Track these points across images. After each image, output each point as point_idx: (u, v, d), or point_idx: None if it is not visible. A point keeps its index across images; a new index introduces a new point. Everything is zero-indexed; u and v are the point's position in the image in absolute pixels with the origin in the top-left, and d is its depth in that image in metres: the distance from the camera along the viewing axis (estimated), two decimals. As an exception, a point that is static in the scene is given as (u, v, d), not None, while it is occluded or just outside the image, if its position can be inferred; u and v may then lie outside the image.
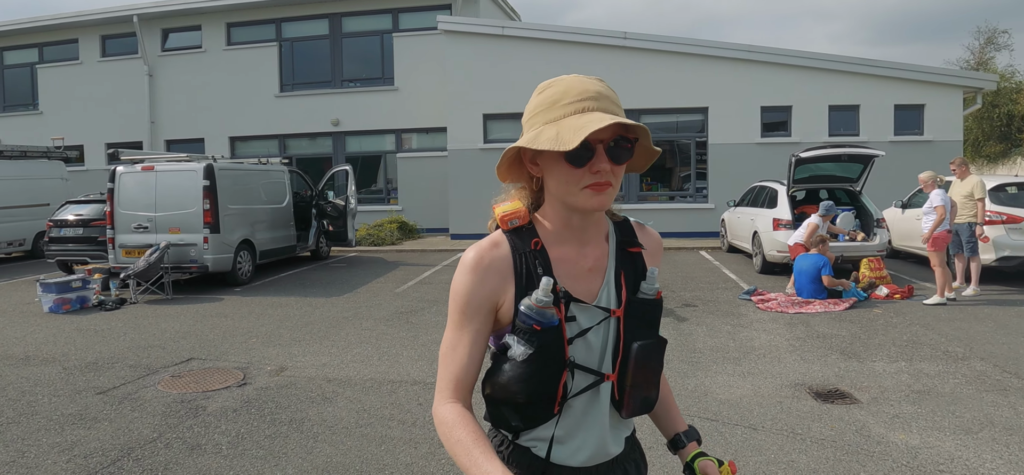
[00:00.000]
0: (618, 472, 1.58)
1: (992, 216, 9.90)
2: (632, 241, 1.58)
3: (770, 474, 3.91)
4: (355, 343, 7.21)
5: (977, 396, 5.29)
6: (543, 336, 1.41)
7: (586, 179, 1.39)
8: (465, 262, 1.48)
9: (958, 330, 7.44)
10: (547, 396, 1.45)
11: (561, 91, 1.41)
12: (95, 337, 7.72)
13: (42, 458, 4.22)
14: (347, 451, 4.27)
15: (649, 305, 1.54)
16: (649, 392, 1.55)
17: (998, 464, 4.03)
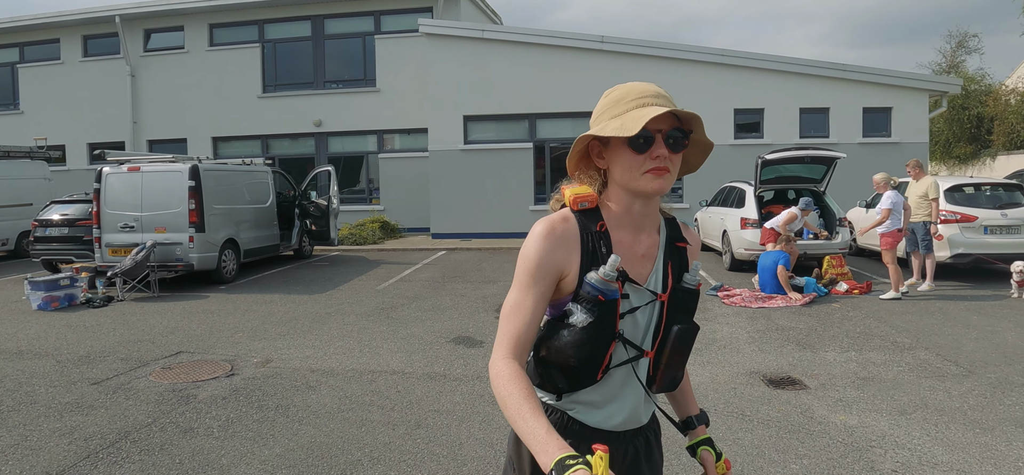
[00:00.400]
0: (640, 439, 1.74)
1: (947, 215, 10.40)
2: (679, 237, 1.75)
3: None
4: (337, 337, 7.55)
5: (916, 382, 5.72)
6: (603, 307, 1.57)
7: (647, 164, 1.56)
8: (537, 231, 1.60)
9: (908, 323, 7.90)
10: (594, 362, 1.61)
11: (625, 91, 1.61)
12: (85, 333, 7.99)
13: (45, 441, 4.53)
14: (330, 432, 4.61)
15: (690, 294, 1.72)
16: (678, 372, 1.73)
17: (924, 440, 4.44)
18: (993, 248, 10.24)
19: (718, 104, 18.14)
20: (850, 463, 4.09)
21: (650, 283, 1.66)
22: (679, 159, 1.61)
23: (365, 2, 21.47)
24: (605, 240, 1.62)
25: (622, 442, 1.70)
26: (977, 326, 7.68)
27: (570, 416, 1.66)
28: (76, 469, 4.06)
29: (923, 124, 18.36)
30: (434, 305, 9.36)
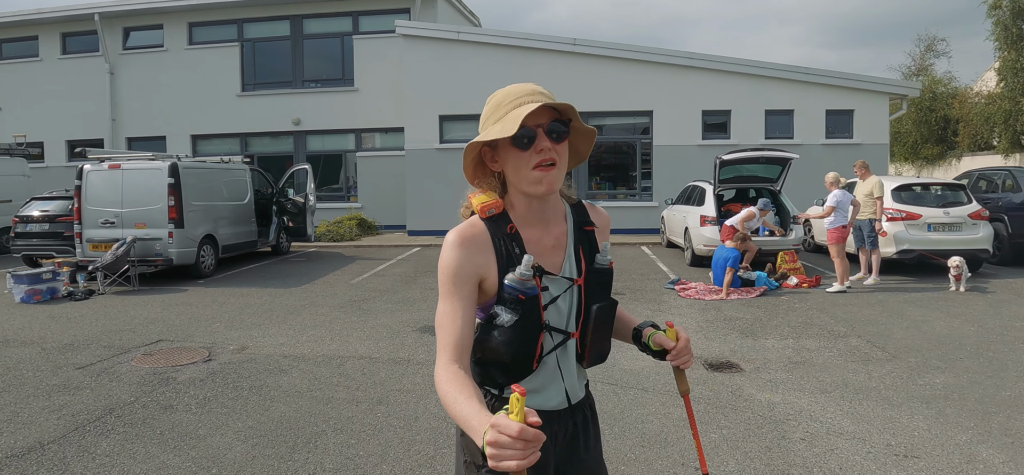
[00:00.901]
0: (578, 415, 1.85)
1: (893, 213, 10.99)
2: (586, 220, 1.83)
3: (646, 422, 4.78)
4: (310, 326, 7.96)
5: (843, 365, 6.24)
6: (526, 304, 1.66)
7: (533, 159, 1.62)
8: (450, 241, 1.67)
9: (848, 314, 8.45)
10: (528, 355, 1.71)
11: (503, 95, 1.67)
12: (68, 323, 8.35)
13: (35, 417, 4.92)
14: (298, 408, 5.04)
15: (603, 273, 1.81)
16: (604, 346, 1.85)
17: (836, 415, 4.95)
18: (936, 244, 10.83)
19: (687, 106, 18.71)
20: (764, 433, 4.58)
21: (565, 270, 1.76)
22: (565, 149, 1.67)
23: (343, 3, 21.81)
24: (516, 241, 1.70)
25: (562, 420, 1.81)
26: (910, 316, 8.24)
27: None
28: (66, 439, 4.46)
29: (883, 126, 19.03)
30: (404, 298, 9.80)
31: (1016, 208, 12.10)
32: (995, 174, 13.39)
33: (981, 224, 11.04)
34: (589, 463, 1.88)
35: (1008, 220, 12.19)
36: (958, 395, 5.32)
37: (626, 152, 19.54)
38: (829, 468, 3.99)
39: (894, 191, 11.28)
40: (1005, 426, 4.65)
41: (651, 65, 18.76)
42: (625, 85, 18.73)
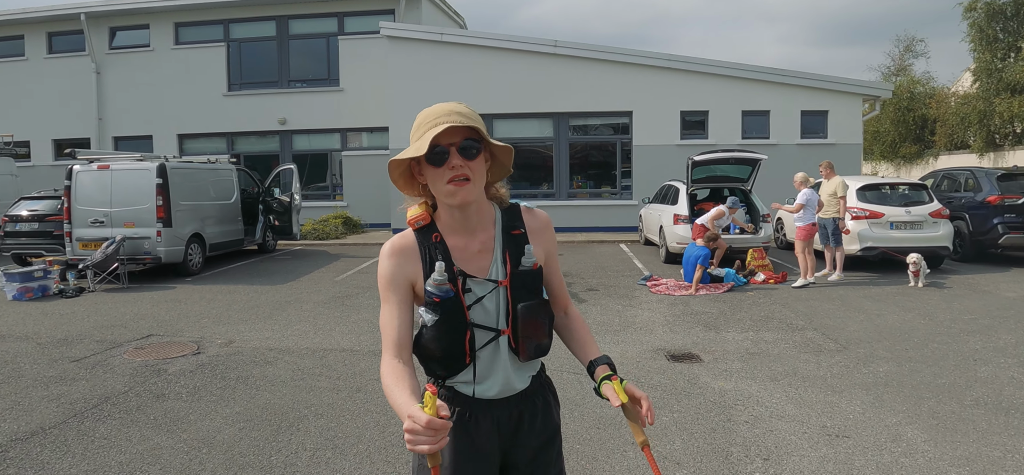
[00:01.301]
0: (527, 404, 1.96)
1: (857, 212, 11.45)
2: (515, 224, 1.93)
3: (603, 406, 5.16)
4: (295, 321, 8.31)
5: (796, 356, 6.67)
6: (444, 305, 1.81)
7: (446, 175, 1.73)
8: (384, 252, 1.86)
9: (808, 308, 8.89)
10: (457, 350, 1.85)
11: (424, 116, 1.78)
12: (61, 319, 8.65)
13: (35, 405, 5.25)
14: (283, 396, 5.41)
15: (529, 274, 1.90)
16: (540, 340, 1.93)
17: (781, 400, 5.36)
18: (898, 242, 11.30)
19: (665, 106, 19.14)
20: (712, 416, 4.99)
21: (491, 273, 1.88)
22: (480, 164, 1.78)
23: (329, 3, 22.09)
24: (440, 248, 1.84)
25: (506, 407, 1.93)
26: (867, 310, 8.69)
27: (456, 390, 1.92)
28: (66, 425, 4.80)
29: (857, 126, 19.55)
30: (387, 294, 10.15)
31: (977, 207, 12.60)
32: (958, 174, 13.89)
33: (941, 222, 11.52)
34: (533, 447, 1.98)
35: (969, 218, 12.69)
36: (897, 382, 5.75)
37: (607, 151, 19.94)
38: (766, 446, 4.40)
39: (858, 191, 11.75)
40: (934, 410, 5.07)
41: (631, 66, 19.16)
42: (605, 86, 19.13)
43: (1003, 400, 5.25)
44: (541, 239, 1.97)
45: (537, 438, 1.97)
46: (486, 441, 1.90)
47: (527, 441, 1.96)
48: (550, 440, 2.00)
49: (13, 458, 4.25)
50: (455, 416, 1.87)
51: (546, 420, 2.00)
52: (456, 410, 1.89)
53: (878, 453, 4.27)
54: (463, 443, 1.88)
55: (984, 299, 9.34)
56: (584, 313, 8.71)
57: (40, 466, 4.12)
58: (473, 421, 1.89)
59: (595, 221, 19.19)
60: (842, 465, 4.10)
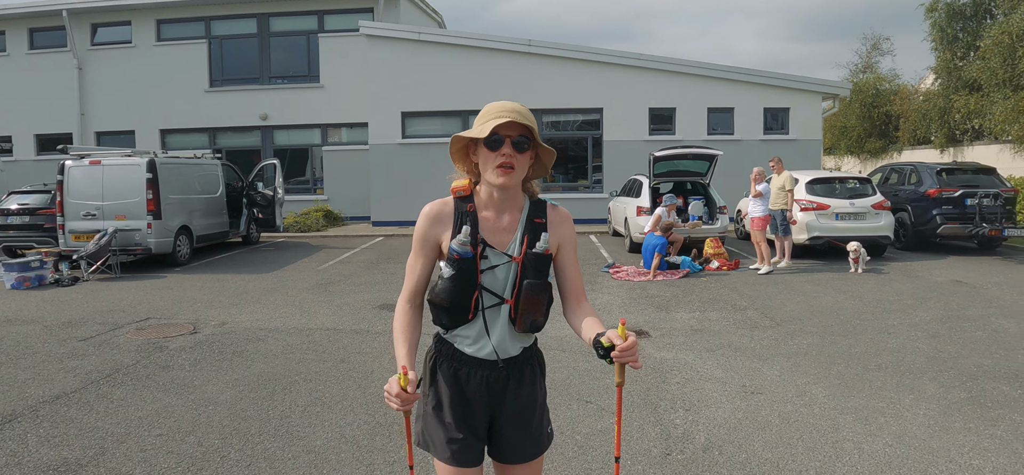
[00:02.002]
0: (515, 369, 2.21)
1: (805, 204, 12.33)
2: (538, 214, 2.21)
3: (560, 371, 5.93)
4: (282, 305, 9.01)
5: (734, 332, 7.47)
6: (461, 264, 2.10)
7: (497, 160, 2.04)
8: (423, 212, 2.18)
9: (754, 291, 9.72)
10: (463, 305, 2.13)
11: (491, 107, 2.08)
12: (61, 305, 9.27)
13: (54, 374, 5.92)
14: (274, 367, 6.12)
15: (540, 257, 2.17)
16: (537, 317, 2.17)
17: (711, 366, 6.15)
18: (842, 232, 12.19)
19: (635, 103, 19.97)
20: (650, 379, 5.77)
21: (509, 249, 2.16)
22: (526, 159, 2.10)
23: (309, 2, 22.64)
24: (471, 218, 2.15)
25: (494, 367, 2.19)
26: (806, 293, 9.54)
27: (453, 346, 2.21)
28: (85, 390, 5.49)
29: (817, 122, 20.49)
30: (367, 281, 10.87)
31: (918, 199, 13.53)
32: (903, 169, 14.83)
33: (883, 214, 12.44)
34: (515, 410, 2.23)
35: (911, 210, 13.63)
36: (816, 352, 6.57)
37: (579, 146, 20.74)
38: (690, 400, 5.19)
39: (808, 184, 12.64)
40: (841, 373, 5.89)
41: (602, 65, 19.96)
42: (577, 83, 19.92)
43: (902, 365, 6.08)
44: (559, 231, 2.25)
45: (523, 401, 2.24)
46: (475, 393, 2.19)
47: (513, 402, 2.22)
48: (534, 404, 2.27)
49: (45, 416, 4.93)
50: (452, 370, 2.20)
51: (532, 387, 2.26)
52: (453, 365, 2.20)
53: (782, 405, 5.07)
54: (456, 392, 2.19)
55: (914, 283, 10.24)
56: (549, 297, 9.48)
57: (69, 421, 4.81)
58: (466, 376, 2.19)
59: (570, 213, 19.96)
60: (749, 414, 4.89)
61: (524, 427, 2.25)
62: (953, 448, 4.23)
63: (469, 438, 2.19)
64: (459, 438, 2.17)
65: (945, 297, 9.15)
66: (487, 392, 2.19)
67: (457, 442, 2.17)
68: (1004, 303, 8.69)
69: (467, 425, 2.19)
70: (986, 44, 27.04)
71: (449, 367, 2.20)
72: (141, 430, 4.62)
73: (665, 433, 4.55)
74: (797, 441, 4.38)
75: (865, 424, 4.66)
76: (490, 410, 2.23)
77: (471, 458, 2.20)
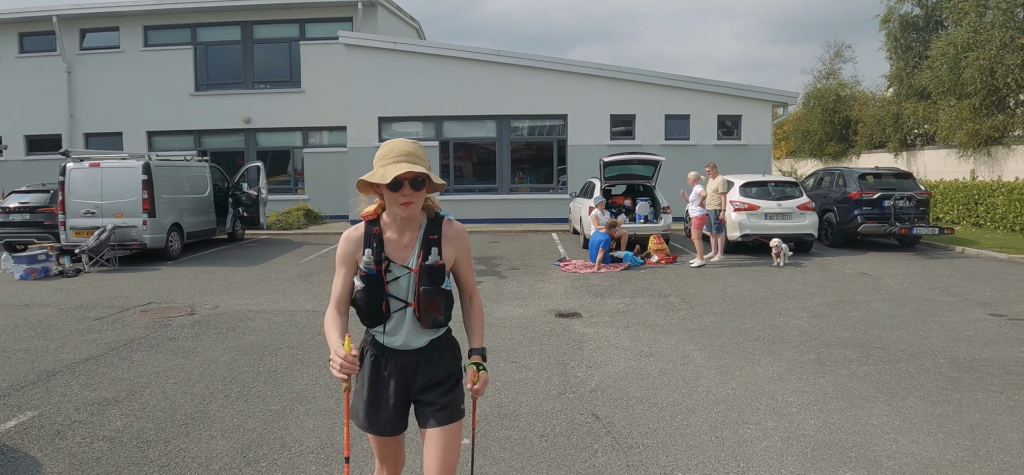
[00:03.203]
0: (424, 357, 2.68)
1: (738, 205, 13.76)
2: (434, 231, 2.65)
3: (499, 340, 7.26)
4: (267, 292, 10.28)
5: (654, 313, 8.84)
6: (369, 279, 2.58)
7: (400, 199, 2.48)
8: (343, 237, 2.65)
9: (682, 282, 11.12)
10: (376, 310, 2.61)
11: (388, 148, 2.48)
12: (69, 293, 10.48)
13: (79, 344, 7.18)
14: (263, 338, 7.41)
15: (433, 269, 2.61)
16: (437, 315, 2.63)
17: (622, 337, 7.50)
18: (770, 230, 13.63)
19: (597, 110, 21.38)
20: (568, 346, 7.12)
21: (409, 262, 2.61)
22: (422, 192, 2.53)
23: (291, 11, 23.83)
24: (377, 240, 2.60)
25: (408, 356, 2.66)
26: (726, 282, 10.95)
27: (375, 338, 2.69)
28: (107, 355, 6.75)
29: (767, 129, 22.01)
30: (343, 273, 12.15)
31: (843, 201, 15.03)
32: (833, 173, 16.33)
33: (808, 214, 13.90)
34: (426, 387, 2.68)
35: (837, 210, 15.13)
36: (712, 328, 7.96)
37: (545, 150, 22.12)
38: (594, 361, 6.54)
39: (741, 187, 14.08)
40: (725, 343, 7.27)
41: (566, 74, 21.37)
42: (543, 91, 21.30)
43: (776, 337, 7.48)
44: (453, 245, 2.69)
45: (431, 379, 2.69)
46: (391, 377, 2.69)
47: (424, 381, 2.69)
48: (444, 380, 2.71)
49: (80, 371, 6.20)
50: (372, 357, 2.68)
51: (438, 368, 2.70)
52: (374, 353, 2.69)
53: (665, 364, 6.45)
54: (375, 375, 2.69)
55: (824, 274, 11.69)
56: (503, 285, 10.83)
57: (100, 374, 6.08)
58: (383, 362, 2.68)
59: (534, 213, 21.38)
60: (637, 369, 6.26)
61: (436, 400, 2.68)
62: (781, 391, 5.62)
63: (385, 411, 2.69)
64: (377, 411, 2.70)
65: (843, 286, 10.59)
66: (400, 375, 2.68)
67: (375, 414, 2.70)
68: (890, 291, 10.15)
69: (383, 401, 2.70)
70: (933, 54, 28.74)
71: (371, 355, 2.70)
72: (159, 379, 5.91)
73: (566, 381, 5.91)
74: (664, 385, 5.75)
75: (722, 375, 6.05)
76: (405, 390, 2.71)
77: (385, 428, 2.72)
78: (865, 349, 6.91)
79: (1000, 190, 18.12)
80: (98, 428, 4.80)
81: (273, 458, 4.29)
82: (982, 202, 18.87)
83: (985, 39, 26.35)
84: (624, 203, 15.52)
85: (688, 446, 4.47)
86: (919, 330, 7.68)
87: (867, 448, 4.41)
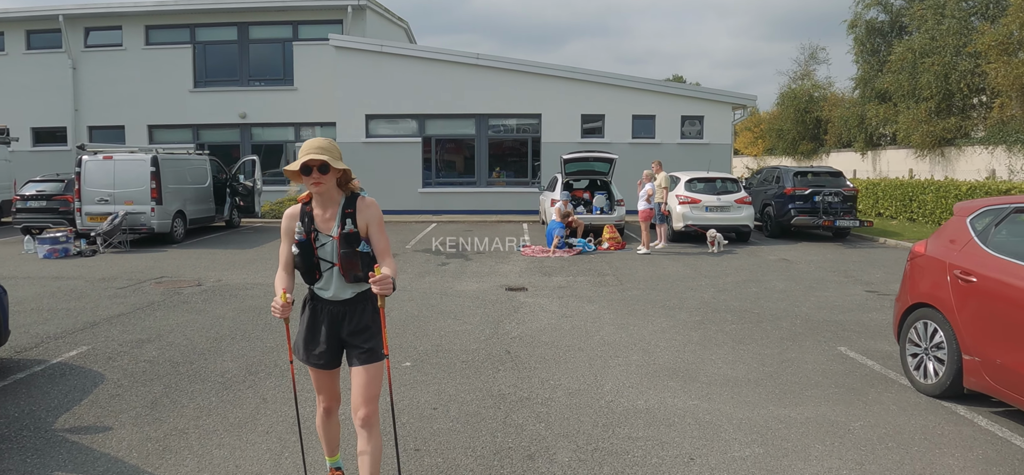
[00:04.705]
0: (349, 307, 3.39)
1: (683, 198, 15.48)
2: (350, 207, 3.35)
3: (451, 306, 8.93)
4: (262, 270, 11.93)
5: (588, 288, 10.52)
6: (301, 245, 3.33)
7: (310, 181, 3.23)
8: (285, 214, 3.41)
9: (623, 264, 12.81)
10: (310, 269, 3.36)
11: (305, 146, 3.23)
12: (91, 268, 12.12)
13: (108, 306, 8.83)
14: (259, 301, 9.07)
15: (349, 236, 3.31)
16: (356, 272, 3.33)
17: (555, 304, 9.17)
18: (710, 221, 15.34)
19: (568, 110, 23.06)
20: (506, 310, 8.79)
21: (331, 231, 3.34)
22: (331, 174, 3.25)
23: (285, 13, 25.38)
24: (309, 216, 3.36)
25: (337, 306, 3.41)
26: (660, 266, 12.66)
27: (313, 292, 3.45)
28: (134, 313, 8.41)
29: (727, 129, 23.71)
30: (329, 255, 13.82)
31: (779, 196, 16.76)
32: (775, 171, 18.06)
33: (745, 207, 15.61)
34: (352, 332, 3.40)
35: (774, 205, 16.87)
36: (631, 299, 9.65)
37: (520, 147, 23.81)
38: (522, 319, 8.23)
39: (686, 182, 15.79)
40: (632, 308, 8.95)
41: (540, 76, 23.04)
42: (519, 92, 22.98)
43: (679, 305, 9.18)
44: (363, 215, 3.36)
45: (355, 326, 3.41)
46: (322, 322, 3.44)
47: (349, 327, 3.41)
48: (367, 328, 3.42)
49: (115, 323, 7.86)
50: (311, 306, 3.45)
51: (362, 318, 3.42)
52: (312, 303, 3.45)
53: (578, 321, 8.14)
54: (312, 319, 3.45)
55: (750, 260, 13.40)
56: (466, 266, 12.51)
57: (132, 326, 7.74)
58: (319, 309, 3.44)
59: (510, 205, 23.07)
60: (555, 325, 7.95)
61: (359, 344, 3.41)
62: (656, 339, 7.32)
63: (318, 347, 3.44)
64: (313, 349, 3.45)
65: (759, 269, 12.31)
66: (331, 320, 3.42)
67: (312, 351, 3.45)
68: (796, 273, 11.87)
69: (317, 341, 3.44)
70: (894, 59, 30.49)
71: (310, 305, 3.47)
72: (180, 328, 7.59)
73: (495, 332, 7.61)
74: (568, 335, 7.46)
75: (618, 329, 7.75)
76: (336, 332, 3.42)
77: (317, 361, 3.46)
78: (743, 314, 8.63)
79: (930, 188, 19.89)
80: (139, 356, 6.49)
81: (268, 372, 5.99)
82: (915, 199, 20.63)
83: (941, 45, 28.13)
84: (584, 196, 17.20)
85: (566, 369, 6.18)
86: (798, 301, 9.41)
87: (694, 371, 6.13)
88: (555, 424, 4.84)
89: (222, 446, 4.49)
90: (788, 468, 4.14)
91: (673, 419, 4.95)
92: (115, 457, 4.28)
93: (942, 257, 5.39)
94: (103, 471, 4.11)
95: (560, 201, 15.06)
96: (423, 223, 20.46)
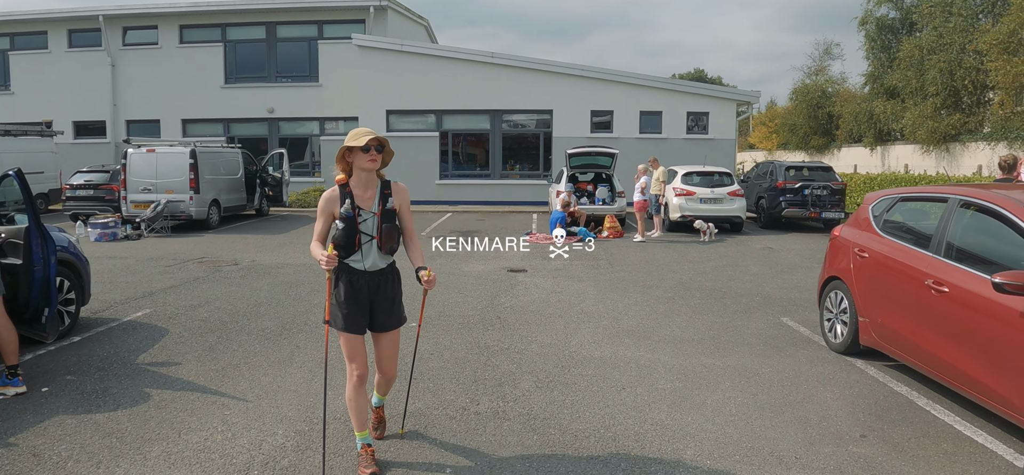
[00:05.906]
0: (383, 277, 3.93)
1: (679, 191, 16.62)
2: (387, 188, 3.90)
3: (457, 284, 10.19)
4: (291, 253, 13.30)
5: (581, 270, 11.73)
6: (347, 220, 3.74)
7: (368, 159, 3.74)
8: (323, 196, 3.83)
9: (618, 250, 14.00)
10: (351, 243, 3.77)
11: (357, 131, 3.77)
12: (139, 250, 13.55)
13: (160, 279, 10.21)
14: (291, 278, 10.41)
15: (389, 211, 3.84)
16: (393, 244, 3.86)
17: (548, 283, 10.39)
18: (704, 212, 16.45)
19: (579, 106, 24.23)
20: (504, 287, 10.04)
21: (372, 208, 3.85)
22: (381, 157, 3.80)
23: (311, 13, 26.78)
24: (349, 196, 3.80)
25: (372, 276, 3.90)
26: (652, 251, 13.82)
27: (349, 264, 3.86)
28: (184, 285, 9.78)
29: (732, 126, 24.73)
30: (350, 240, 15.18)
31: (771, 189, 17.84)
32: (766, 166, 19.10)
33: (737, 200, 16.72)
34: (383, 300, 3.96)
35: (767, 197, 17.94)
36: (617, 279, 10.84)
37: (533, 141, 25.03)
38: (516, 294, 9.47)
39: (683, 176, 16.93)
40: (615, 286, 10.16)
41: (552, 74, 24.23)
42: (531, 89, 24.19)
43: (658, 284, 10.36)
44: (398, 197, 3.96)
45: (386, 295, 3.98)
46: (360, 290, 3.90)
47: (382, 296, 3.96)
48: (394, 298, 4.02)
49: (170, 292, 9.24)
50: (347, 279, 3.86)
51: (393, 288, 4.02)
52: (348, 277, 3.86)
53: (564, 296, 9.37)
54: (349, 290, 3.87)
55: (737, 248, 14.52)
56: (474, 249, 13.78)
57: (185, 294, 9.10)
58: (355, 281, 3.87)
59: (522, 197, 24.32)
60: (544, 299, 9.18)
61: (387, 311, 3.98)
62: (627, 311, 8.52)
63: (355, 315, 3.86)
64: (349, 314, 3.84)
65: (743, 256, 13.43)
66: (367, 289, 3.89)
67: (349, 317, 3.84)
68: (776, 260, 12.98)
69: (354, 308, 3.87)
70: (902, 56, 31.18)
71: (346, 277, 3.86)
72: (224, 297, 8.94)
73: (490, 303, 8.87)
74: (553, 306, 8.70)
75: (597, 303, 8.98)
76: (370, 300, 3.91)
77: (356, 327, 3.87)
78: (711, 292, 9.80)
79: (922, 183, 20.79)
80: (193, 316, 7.85)
81: (300, 328, 7.32)
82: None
83: (947, 43, 28.80)
84: (587, 188, 18.38)
85: (544, 330, 7.43)
86: (764, 282, 10.56)
87: (649, 333, 7.35)
88: (524, 365, 6.10)
89: (267, 374, 5.82)
90: (696, 396, 5.36)
91: (619, 364, 6.18)
92: (187, 380, 5.62)
93: (850, 238, 6.56)
94: (181, 388, 5.44)
95: (563, 192, 16.27)
96: (439, 212, 21.78)
